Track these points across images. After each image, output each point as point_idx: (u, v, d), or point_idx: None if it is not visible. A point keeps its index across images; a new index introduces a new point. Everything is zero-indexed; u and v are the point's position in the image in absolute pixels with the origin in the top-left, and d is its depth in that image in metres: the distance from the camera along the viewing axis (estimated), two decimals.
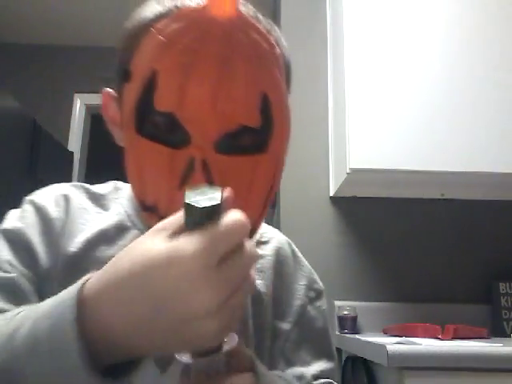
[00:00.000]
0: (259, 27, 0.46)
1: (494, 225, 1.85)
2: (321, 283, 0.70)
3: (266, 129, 0.47)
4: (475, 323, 1.62)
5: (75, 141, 3.04)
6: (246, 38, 0.45)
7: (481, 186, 1.72)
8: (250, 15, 0.47)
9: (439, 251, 1.83)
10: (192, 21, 0.43)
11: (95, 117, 3.11)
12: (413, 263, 1.82)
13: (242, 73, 0.44)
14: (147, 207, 0.48)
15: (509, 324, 1.72)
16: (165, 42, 0.44)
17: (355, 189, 1.80)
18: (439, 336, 1.42)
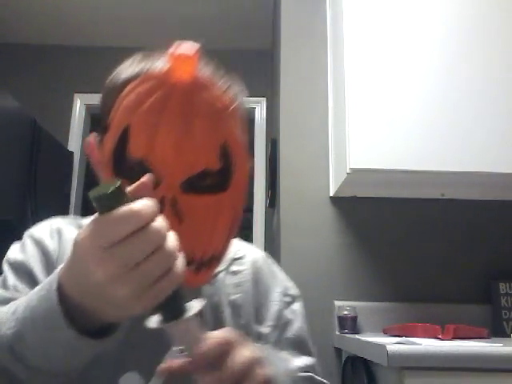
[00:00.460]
0: (216, 87, 0.54)
1: (494, 225, 1.85)
2: (296, 290, 0.77)
3: (227, 170, 0.55)
4: (475, 323, 1.62)
5: (75, 141, 3.04)
6: (205, 97, 0.53)
7: (481, 186, 1.72)
8: (209, 76, 0.55)
9: (439, 251, 1.83)
10: (157, 83, 0.52)
11: (95, 117, 3.11)
12: (413, 263, 1.82)
13: (202, 127, 0.53)
14: None
15: (509, 324, 1.72)
16: (134, 102, 0.52)
17: (355, 189, 1.80)
18: (439, 336, 1.42)
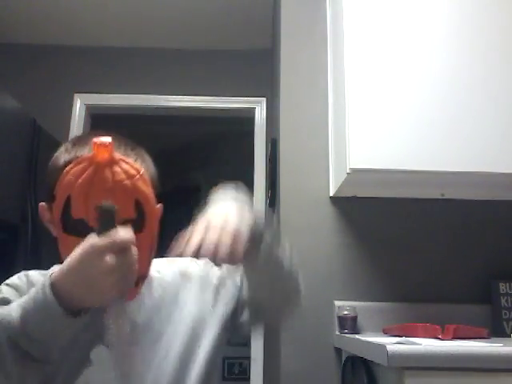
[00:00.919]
0: (126, 160, 0.74)
1: (494, 225, 1.85)
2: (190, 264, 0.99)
3: (140, 218, 0.76)
4: (475, 323, 1.62)
5: None
6: (119, 169, 0.73)
7: (481, 186, 1.72)
8: (122, 153, 0.79)
9: (439, 251, 1.83)
10: (87, 164, 0.72)
11: (95, 117, 3.11)
12: (413, 263, 1.82)
13: (119, 190, 0.73)
14: None
15: (509, 324, 1.72)
16: (72, 178, 0.73)
17: (355, 189, 1.80)
18: (439, 336, 1.42)
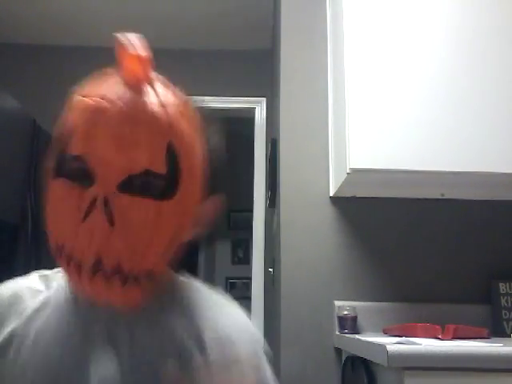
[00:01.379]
0: (167, 88, 0.53)
1: (494, 225, 1.85)
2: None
3: (173, 177, 0.50)
4: (475, 323, 1.62)
5: None
6: (152, 93, 0.50)
7: (481, 186, 1.72)
8: (161, 80, 0.54)
9: (439, 251, 1.83)
10: (104, 82, 0.52)
11: None
12: (412, 263, 1.82)
13: (146, 121, 0.49)
14: (58, 249, 0.53)
15: (509, 324, 1.71)
16: (79, 99, 0.51)
17: (355, 189, 1.80)
18: (439, 336, 1.42)
